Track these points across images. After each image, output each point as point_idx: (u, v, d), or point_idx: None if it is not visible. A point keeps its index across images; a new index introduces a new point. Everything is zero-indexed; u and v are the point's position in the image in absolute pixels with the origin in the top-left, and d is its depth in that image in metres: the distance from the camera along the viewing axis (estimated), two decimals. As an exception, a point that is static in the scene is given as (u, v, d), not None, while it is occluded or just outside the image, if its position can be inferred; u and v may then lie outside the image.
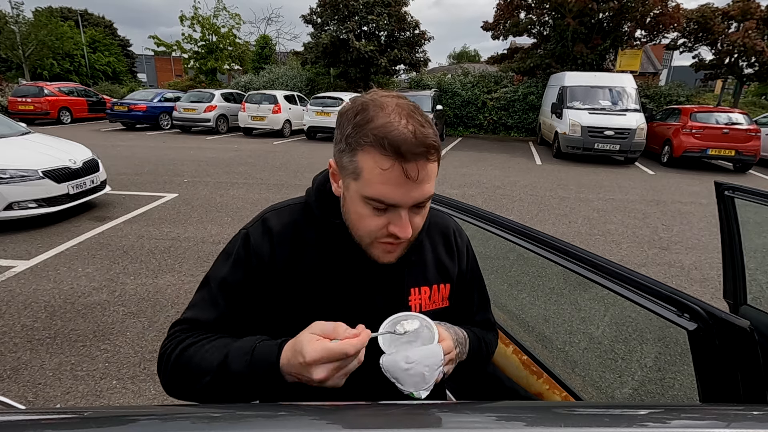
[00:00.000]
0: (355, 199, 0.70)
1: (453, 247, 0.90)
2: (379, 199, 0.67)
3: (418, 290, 0.83)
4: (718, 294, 3.19)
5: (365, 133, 0.65)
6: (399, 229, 0.69)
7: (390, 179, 0.65)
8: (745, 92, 21.49)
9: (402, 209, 0.68)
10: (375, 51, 17.81)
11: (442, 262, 0.87)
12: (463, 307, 0.93)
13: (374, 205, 0.68)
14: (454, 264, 0.89)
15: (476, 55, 48.45)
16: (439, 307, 0.86)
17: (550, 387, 1.08)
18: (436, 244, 0.88)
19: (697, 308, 0.64)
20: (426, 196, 0.69)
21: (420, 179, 0.66)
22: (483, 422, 0.47)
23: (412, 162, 0.64)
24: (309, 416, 0.47)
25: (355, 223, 0.73)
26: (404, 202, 0.67)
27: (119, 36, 35.24)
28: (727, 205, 1.67)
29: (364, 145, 0.65)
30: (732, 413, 0.51)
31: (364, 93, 0.72)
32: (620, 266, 0.78)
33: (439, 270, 0.87)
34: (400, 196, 0.66)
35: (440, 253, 0.88)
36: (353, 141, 0.66)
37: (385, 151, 0.64)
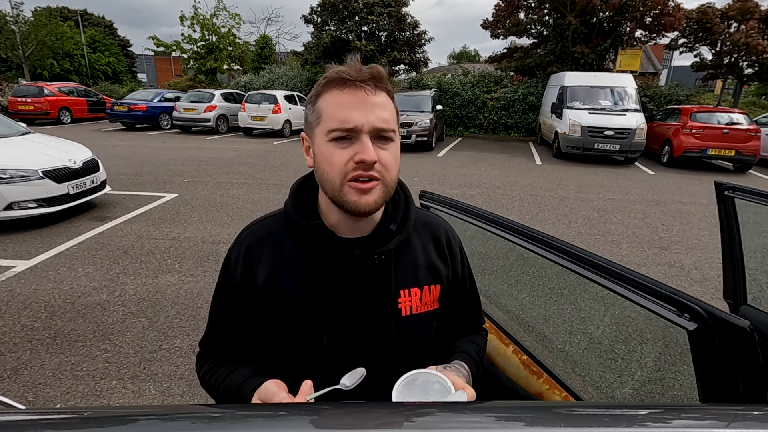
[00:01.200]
0: (322, 144, 0.72)
1: (444, 249, 0.89)
2: (339, 126, 0.70)
3: (408, 292, 0.82)
4: (718, 294, 3.19)
5: (319, 83, 0.74)
6: (364, 153, 0.70)
7: (345, 104, 0.70)
8: (745, 92, 21.49)
9: (363, 135, 0.70)
10: (375, 51, 17.81)
11: (432, 263, 0.86)
12: (458, 310, 0.93)
13: (337, 136, 0.70)
14: (446, 266, 0.88)
15: (476, 55, 48.47)
16: (430, 309, 0.85)
17: (550, 387, 1.08)
18: (427, 245, 0.87)
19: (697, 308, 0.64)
20: (383, 122, 0.71)
21: (372, 103, 0.70)
22: (483, 422, 0.47)
23: (360, 87, 0.70)
24: (309, 416, 0.47)
25: (325, 168, 0.73)
26: (362, 123, 0.69)
27: (119, 36, 35.24)
28: (727, 205, 1.67)
29: (320, 92, 0.73)
30: (732, 413, 0.51)
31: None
32: (620, 266, 0.78)
33: (430, 271, 0.86)
34: (358, 117, 0.69)
35: (431, 253, 0.87)
36: (313, 96, 0.74)
37: (335, 84, 0.71)
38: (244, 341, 0.85)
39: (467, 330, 0.97)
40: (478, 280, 1.00)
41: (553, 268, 0.89)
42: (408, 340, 0.83)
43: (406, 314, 0.81)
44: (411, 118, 11.08)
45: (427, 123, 11.06)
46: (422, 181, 7.66)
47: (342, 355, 0.79)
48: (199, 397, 2.26)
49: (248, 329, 0.83)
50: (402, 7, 18.47)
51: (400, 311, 0.81)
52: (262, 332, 0.82)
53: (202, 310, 3.07)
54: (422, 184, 7.38)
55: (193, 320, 2.94)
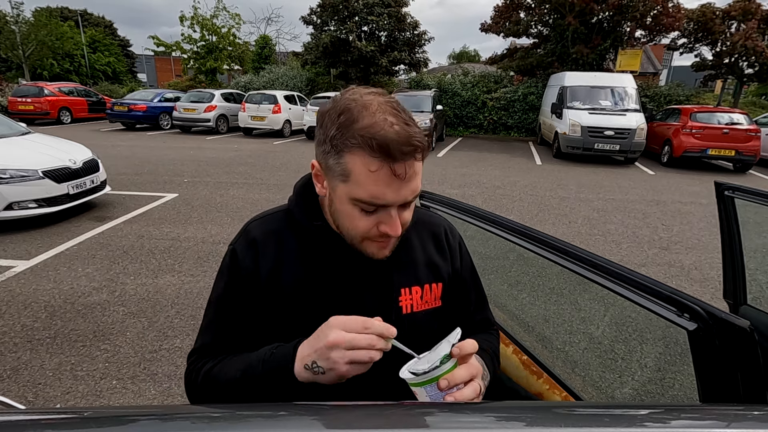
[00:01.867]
0: (344, 201, 0.69)
1: (444, 246, 0.89)
2: (370, 201, 0.67)
3: (409, 290, 0.82)
4: (718, 294, 3.19)
5: (351, 135, 0.64)
6: (390, 227, 0.69)
7: (379, 180, 0.65)
8: (745, 92, 21.49)
9: (392, 208, 0.69)
10: (375, 51, 17.81)
11: (433, 261, 0.87)
12: (461, 306, 0.92)
13: (363, 207, 0.68)
14: (446, 263, 0.88)
15: (476, 55, 48.48)
16: (432, 307, 0.85)
17: (550, 387, 1.08)
18: (426, 243, 0.87)
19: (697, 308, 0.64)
20: (415, 193, 0.70)
21: (408, 177, 0.66)
22: (483, 422, 0.47)
23: (400, 162, 0.64)
24: (309, 416, 0.47)
25: (344, 223, 0.73)
26: (394, 201, 0.67)
27: (119, 36, 35.25)
28: (727, 205, 1.67)
29: (351, 147, 0.64)
30: (732, 413, 0.51)
31: (344, 91, 0.70)
32: (620, 266, 0.78)
33: (430, 269, 0.86)
34: (391, 196, 0.66)
35: (431, 252, 0.87)
36: (339, 143, 0.65)
37: (373, 152, 0.63)
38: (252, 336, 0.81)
39: (474, 329, 0.95)
40: (478, 280, 1.00)
41: (553, 268, 0.89)
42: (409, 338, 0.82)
43: (407, 312, 0.81)
44: (411, 118, 11.06)
45: (427, 123, 11.06)
46: (422, 181, 7.64)
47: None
48: (199, 397, 2.26)
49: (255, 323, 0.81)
50: (402, 7, 18.47)
51: (401, 309, 0.81)
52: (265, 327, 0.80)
53: (203, 310, 3.06)
54: (422, 184, 7.37)
55: (193, 320, 2.94)
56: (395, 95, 11.80)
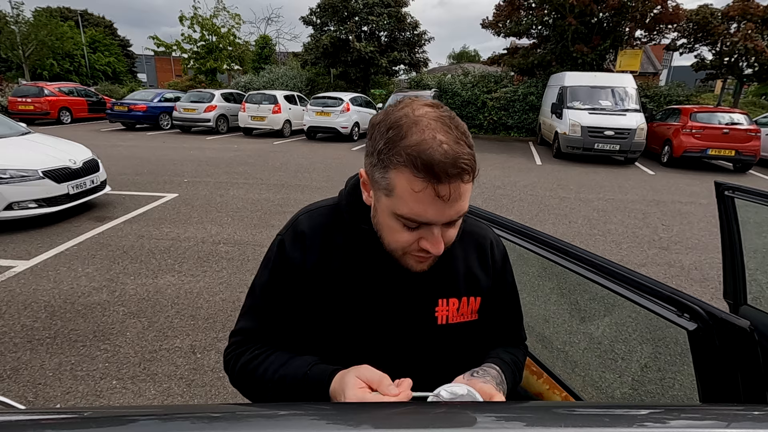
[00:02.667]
0: (387, 214, 0.69)
1: (488, 260, 0.87)
2: (412, 218, 0.66)
3: (446, 301, 0.81)
4: (718, 294, 3.19)
5: (398, 151, 0.63)
6: (431, 245, 0.69)
7: (422, 200, 0.64)
8: (745, 92, 21.49)
9: (435, 226, 0.68)
10: (375, 51, 17.81)
11: (474, 273, 0.85)
12: (497, 322, 0.91)
13: (405, 222, 0.68)
14: (488, 277, 0.87)
15: (476, 55, 48.48)
16: (467, 320, 0.84)
17: (550, 387, 1.08)
18: (469, 255, 0.86)
19: (697, 308, 0.64)
20: (459, 213, 0.68)
21: (453, 199, 0.64)
22: (483, 422, 0.47)
23: (445, 183, 0.62)
24: (309, 416, 0.47)
25: (386, 236, 0.73)
26: (437, 221, 0.67)
27: (119, 36, 35.26)
28: (727, 205, 1.67)
29: (397, 163, 0.63)
30: (732, 413, 0.51)
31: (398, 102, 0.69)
32: (620, 266, 0.78)
33: (469, 282, 0.84)
34: (433, 215, 0.65)
35: (473, 264, 0.85)
36: (386, 157, 0.65)
37: (417, 172, 0.62)
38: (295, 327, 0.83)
39: (506, 343, 0.94)
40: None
41: (553, 268, 0.89)
42: (443, 349, 0.83)
43: (442, 323, 0.81)
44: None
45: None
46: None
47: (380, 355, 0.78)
48: (198, 397, 2.26)
49: (297, 312, 0.82)
50: (402, 7, 18.48)
51: (437, 319, 0.81)
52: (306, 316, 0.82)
53: (202, 310, 3.07)
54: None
55: (193, 320, 2.94)
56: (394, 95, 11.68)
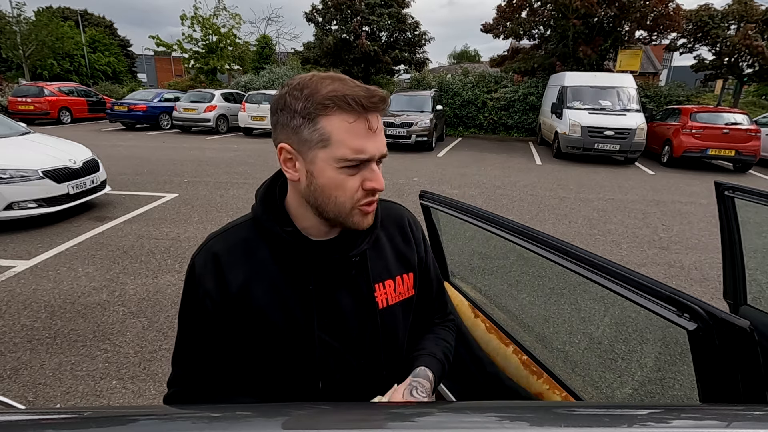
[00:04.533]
0: (328, 168, 0.69)
1: (410, 236, 0.91)
2: (354, 157, 0.68)
3: (383, 285, 0.83)
4: (718, 294, 3.20)
5: (321, 100, 0.66)
6: (375, 182, 0.71)
7: (359, 133, 0.67)
8: (745, 92, 21.49)
9: (372, 162, 0.70)
10: (378, 51, 17.84)
11: (401, 252, 0.88)
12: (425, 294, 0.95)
13: (347, 165, 0.69)
14: (413, 252, 0.90)
15: (476, 55, 48.46)
16: (406, 297, 0.87)
17: (550, 387, 1.08)
18: (393, 236, 0.88)
19: (697, 308, 0.64)
20: (385, 147, 0.72)
21: (380, 129, 0.70)
22: (483, 422, 0.47)
23: (372, 113, 0.68)
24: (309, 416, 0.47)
25: (331, 194, 0.71)
26: (375, 153, 0.70)
27: (119, 36, 35.25)
28: (727, 205, 1.67)
29: (325, 109, 0.66)
30: (732, 413, 0.51)
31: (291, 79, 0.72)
32: (620, 266, 0.78)
33: (400, 261, 0.87)
34: (371, 147, 0.69)
35: (398, 243, 0.88)
36: (312, 110, 0.67)
37: (349, 106, 0.66)
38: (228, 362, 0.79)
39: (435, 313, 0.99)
40: (479, 280, 1.00)
41: (553, 268, 0.89)
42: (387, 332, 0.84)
43: (383, 306, 0.83)
44: (411, 118, 11.09)
45: (427, 123, 11.06)
46: (422, 181, 7.65)
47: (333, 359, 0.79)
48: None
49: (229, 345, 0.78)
50: (403, 8, 18.51)
51: (377, 305, 0.82)
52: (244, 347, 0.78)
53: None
54: (422, 184, 7.38)
55: (193, 320, 2.94)
56: (395, 95, 11.62)
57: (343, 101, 0.66)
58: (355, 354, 0.81)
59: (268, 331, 0.76)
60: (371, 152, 0.69)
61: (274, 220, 0.77)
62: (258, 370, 0.81)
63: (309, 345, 0.77)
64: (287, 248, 0.76)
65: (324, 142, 0.68)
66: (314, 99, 0.67)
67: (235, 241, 0.78)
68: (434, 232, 1.45)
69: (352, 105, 0.66)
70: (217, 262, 0.76)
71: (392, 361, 0.87)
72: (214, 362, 0.79)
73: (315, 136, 0.68)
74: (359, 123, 0.67)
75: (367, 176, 0.71)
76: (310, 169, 0.71)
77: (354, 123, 0.67)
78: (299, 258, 0.77)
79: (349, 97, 0.66)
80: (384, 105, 0.70)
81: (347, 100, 0.66)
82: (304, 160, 0.71)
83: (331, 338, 0.79)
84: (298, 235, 0.76)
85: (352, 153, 0.68)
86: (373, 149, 0.69)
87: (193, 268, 0.78)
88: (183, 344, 0.81)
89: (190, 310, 0.78)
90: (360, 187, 0.71)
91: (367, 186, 0.71)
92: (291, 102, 0.69)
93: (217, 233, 0.81)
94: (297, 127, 0.69)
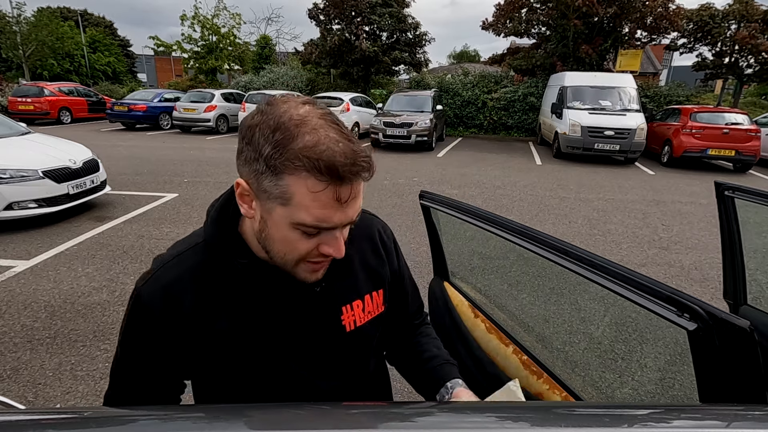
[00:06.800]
0: (282, 225, 0.62)
1: (380, 249, 0.85)
2: (315, 225, 0.60)
3: (350, 306, 0.78)
4: (718, 294, 3.20)
5: (293, 155, 0.56)
6: (334, 249, 0.64)
7: (326, 204, 0.59)
8: (745, 92, 21.49)
9: (336, 230, 0.63)
10: (378, 51, 17.85)
11: (372, 268, 0.83)
12: (400, 303, 0.92)
13: (306, 230, 0.61)
14: (384, 266, 0.85)
15: (476, 55, 48.47)
16: (375, 316, 0.82)
17: (550, 387, 1.08)
18: (363, 251, 0.82)
19: (697, 308, 0.64)
20: (358, 212, 0.64)
21: (353, 198, 0.61)
22: (483, 422, 0.47)
23: (347, 184, 0.58)
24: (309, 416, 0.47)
25: (279, 248, 0.65)
26: (341, 223, 0.62)
27: (119, 36, 35.26)
28: (727, 205, 1.67)
29: (293, 168, 0.57)
30: (732, 413, 0.51)
31: (271, 101, 0.62)
32: (620, 266, 0.78)
33: (370, 278, 0.82)
34: (338, 218, 0.60)
35: (368, 259, 0.83)
36: (278, 163, 0.57)
37: (320, 175, 0.56)
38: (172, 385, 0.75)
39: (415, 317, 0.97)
40: (478, 280, 1.00)
41: (553, 268, 0.89)
42: (356, 354, 0.81)
43: (351, 329, 0.78)
44: (411, 118, 11.10)
45: (427, 123, 11.07)
46: (422, 181, 7.65)
47: (302, 386, 0.76)
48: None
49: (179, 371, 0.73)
50: (404, 8, 18.53)
51: (344, 328, 0.77)
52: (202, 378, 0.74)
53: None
54: (422, 184, 7.38)
55: (193, 320, 2.94)
56: (395, 95, 11.58)
57: (315, 167, 0.56)
58: (326, 378, 0.77)
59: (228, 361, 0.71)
60: (335, 222, 0.61)
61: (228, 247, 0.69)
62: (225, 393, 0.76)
63: (275, 374, 0.73)
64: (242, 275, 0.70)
65: (284, 201, 0.59)
66: (284, 151, 0.57)
67: (185, 269, 0.70)
68: (434, 232, 1.45)
69: (325, 173, 0.56)
70: (168, 292, 0.68)
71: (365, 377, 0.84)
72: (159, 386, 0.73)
73: (276, 190, 0.59)
74: (328, 192, 0.58)
75: (326, 242, 0.63)
76: (264, 217, 0.63)
77: (322, 192, 0.57)
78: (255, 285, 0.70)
79: (324, 163, 0.56)
80: (368, 174, 0.60)
81: (321, 166, 0.56)
82: (260, 205, 0.63)
83: (299, 366, 0.74)
84: (255, 266, 0.69)
85: (312, 220, 0.60)
86: (340, 219, 0.61)
87: (139, 298, 0.69)
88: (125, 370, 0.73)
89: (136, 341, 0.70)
90: (315, 249, 0.64)
91: (324, 251, 0.64)
92: (259, 140, 0.59)
93: (167, 260, 0.72)
94: (259, 173, 0.60)
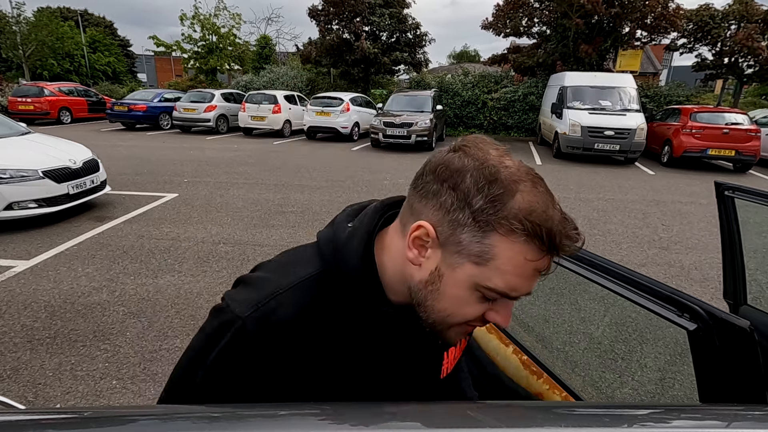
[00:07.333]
0: (463, 284, 0.55)
1: None
2: (504, 292, 0.54)
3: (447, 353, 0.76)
4: (718, 294, 3.19)
5: (512, 215, 0.51)
6: (502, 318, 0.58)
7: (527, 273, 0.53)
8: (745, 92, 21.50)
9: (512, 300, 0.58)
10: (378, 52, 17.86)
11: None
12: None
13: (487, 294, 0.55)
14: None
15: (476, 55, 48.47)
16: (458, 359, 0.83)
17: (550, 387, 1.08)
18: None
19: (697, 308, 0.64)
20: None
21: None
22: (483, 422, 0.47)
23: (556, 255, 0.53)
24: (309, 416, 0.47)
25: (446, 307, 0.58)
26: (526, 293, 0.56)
27: (119, 36, 35.27)
28: (727, 205, 1.67)
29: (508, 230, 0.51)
30: (732, 413, 0.51)
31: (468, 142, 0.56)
32: (620, 266, 0.78)
33: None
34: (526, 288, 0.55)
35: None
36: (491, 219, 0.51)
37: (541, 243, 0.51)
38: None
39: None
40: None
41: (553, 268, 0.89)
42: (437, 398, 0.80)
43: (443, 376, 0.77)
44: (411, 118, 11.10)
45: (427, 123, 11.07)
46: (422, 181, 7.65)
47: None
48: (199, 397, 2.27)
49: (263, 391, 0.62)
50: (404, 8, 18.54)
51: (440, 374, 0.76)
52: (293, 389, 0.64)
53: (202, 309, 3.07)
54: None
55: (193, 320, 2.94)
56: (395, 95, 11.54)
57: (537, 234, 0.50)
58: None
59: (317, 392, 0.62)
60: (523, 293, 0.55)
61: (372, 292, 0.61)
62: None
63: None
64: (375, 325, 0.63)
65: (481, 260, 0.53)
66: (503, 209, 0.51)
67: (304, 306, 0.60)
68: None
69: (545, 243, 0.51)
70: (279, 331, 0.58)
71: None
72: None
73: (475, 248, 0.53)
74: (539, 264, 0.52)
75: (497, 308, 0.57)
76: (442, 272, 0.56)
77: (535, 262, 0.52)
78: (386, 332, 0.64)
79: (546, 231, 0.50)
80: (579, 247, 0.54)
81: (542, 234, 0.50)
82: (441, 257, 0.56)
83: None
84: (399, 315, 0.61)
85: (504, 287, 0.54)
86: (527, 290, 0.55)
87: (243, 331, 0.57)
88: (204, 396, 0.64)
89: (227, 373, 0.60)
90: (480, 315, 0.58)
91: (491, 318, 0.58)
92: (470, 188, 0.52)
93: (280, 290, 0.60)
94: (458, 224, 0.53)
